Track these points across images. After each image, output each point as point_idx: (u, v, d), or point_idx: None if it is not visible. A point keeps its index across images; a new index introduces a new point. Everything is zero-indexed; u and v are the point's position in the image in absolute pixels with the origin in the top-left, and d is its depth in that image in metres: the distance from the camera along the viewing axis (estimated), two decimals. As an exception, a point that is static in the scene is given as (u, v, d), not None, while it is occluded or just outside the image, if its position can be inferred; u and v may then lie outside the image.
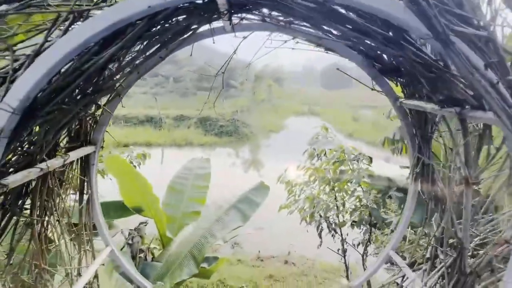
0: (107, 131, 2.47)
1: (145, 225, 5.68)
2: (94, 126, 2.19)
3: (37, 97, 1.32)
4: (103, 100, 2.10)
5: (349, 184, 6.37)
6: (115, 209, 5.67)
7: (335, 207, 6.47)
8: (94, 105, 2.02)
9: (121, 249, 5.18)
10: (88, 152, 2.18)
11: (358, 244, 7.18)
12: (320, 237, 6.70)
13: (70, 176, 2.18)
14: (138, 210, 5.77)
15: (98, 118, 2.17)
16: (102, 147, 2.31)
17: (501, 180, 1.73)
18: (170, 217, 5.91)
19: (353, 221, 6.63)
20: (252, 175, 17.68)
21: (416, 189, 2.37)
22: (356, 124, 33.86)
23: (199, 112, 26.66)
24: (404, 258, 2.74)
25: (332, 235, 6.83)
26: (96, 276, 2.43)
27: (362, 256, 6.94)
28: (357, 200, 6.47)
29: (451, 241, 2.15)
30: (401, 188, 6.58)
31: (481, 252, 2.08)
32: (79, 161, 2.25)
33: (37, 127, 1.55)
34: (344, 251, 7.00)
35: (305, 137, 8.58)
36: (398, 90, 2.25)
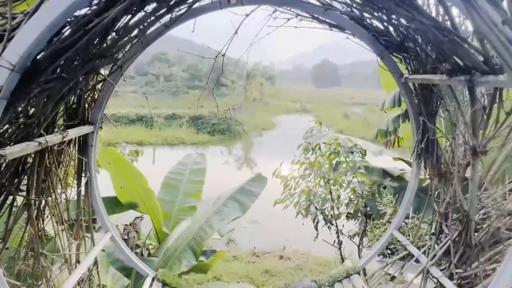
0: (105, 114, 2.38)
1: (141, 219, 5.54)
2: (93, 104, 2.10)
3: (37, 59, 1.24)
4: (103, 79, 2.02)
5: (343, 177, 6.41)
6: (109, 205, 5.50)
7: (331, 200, 6.51)
8: (93, 79, 1.93)
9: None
10: (87, 131, 2.08)
11: (354, 235, 7.26)
12: (317, 229, 6.73)
13: (68, 158, 2.08)
14: (133, 206, 5.62)
15: (97, 95, 2.08)
16: (101, 127, 2.22)
17: (508, 148, 1.75)
18: (166, 213, 5.79)
19: (349, 213, 6.69)
20: (245, 172, 17.66)
21: (419, 166, 2.38)
22: (347, 121, 34.33)
23: (195, 110, 26.43)
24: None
25: (328, 227, 6.89)
26: (96, 263, 2.33)
27: (358, 247, 7.02)
28: (352, 192, 6.53)
29: (455, 216, 2.17)
30: (395, 179, 6.67)
31: (484, 225, 2.11)
32: (76, 142, 2.15)
33: (35, 98, 1.47)
34: (340, 242, 7.07)
35: (297, 134, 8.57)
36: (402, 68, 2.25)
